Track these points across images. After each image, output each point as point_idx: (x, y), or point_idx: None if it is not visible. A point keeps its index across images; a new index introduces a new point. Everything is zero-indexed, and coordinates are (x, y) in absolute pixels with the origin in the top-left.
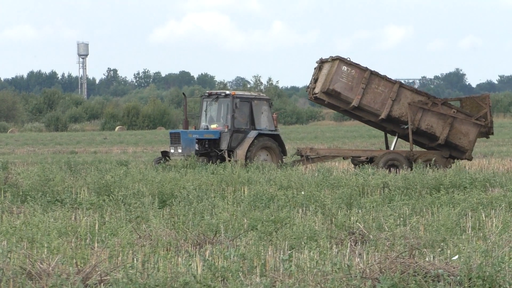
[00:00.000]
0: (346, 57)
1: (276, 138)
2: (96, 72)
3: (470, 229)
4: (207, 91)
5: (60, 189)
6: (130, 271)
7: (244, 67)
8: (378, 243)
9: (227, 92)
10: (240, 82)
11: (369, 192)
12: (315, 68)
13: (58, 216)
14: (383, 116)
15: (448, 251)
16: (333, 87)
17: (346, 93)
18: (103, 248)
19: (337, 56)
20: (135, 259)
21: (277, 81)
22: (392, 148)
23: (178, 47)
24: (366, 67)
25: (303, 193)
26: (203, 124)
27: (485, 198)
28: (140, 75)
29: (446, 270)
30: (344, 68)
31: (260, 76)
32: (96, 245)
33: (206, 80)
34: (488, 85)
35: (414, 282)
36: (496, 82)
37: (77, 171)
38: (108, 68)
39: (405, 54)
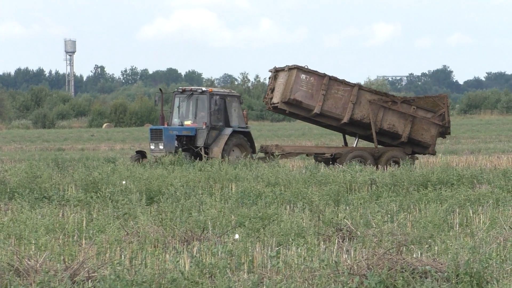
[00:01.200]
0: (303, 65)
1: (247, 135)
2: (84, 69)
3: (457, 226)
4: (181, 87)
5: (48, 186)
6: (117, 268)
7: (231, 64)
8: (366, 239)
9: (204, 88)
10: (228, 79)
11: (356, 189)
12: (270, 78)
13: (45, 213)
14: (345, 120)
15: (436, 248)
16: (294, 96)
17: (307, 101)
18: (91, 244)
19: (294, 64)
20: (122, 255)
21: (264, 78)
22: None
23: (166, 44)
24: (324, 73)
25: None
26: (175, 120)
27: (472, 195)
28: (128, 72)
29: (433, 267)
30: (303, 76)
31: (247, 73)
32: (83, 241)
33: (193, 77)
34: (476, 82)
35: (401, 278)
36: (483, 79)
37: (65, 168)
38: (96, 65)
39: (393, 51)
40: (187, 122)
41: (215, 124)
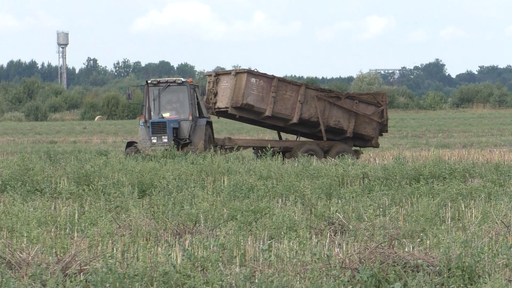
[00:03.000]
0: (253, 69)
1: (211, 126)
2: (76, 61)
3: (449, 220)
4: (154, 79)
5: (40, 178)
6: (109, 261)
7: (224, 57)
8: (358, 233)
9: (183, 79)
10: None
11: (348, 183)
12: (209, 82)
13: (37, 206)
14: (295, 120)
15: (428, 242)
16: (246, 101)
17: (259, 104)
18: (83, 237)
19: (243, 68)
20: (114, 248)
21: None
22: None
23: (159, 37)
24: (273, 75)
25: None
26: (152, 113)
27: (464, 189)
28: (120, 64)
29: (425, 261)
30: (253, 80)
31: (240, 66)
32: (75, 234)
33: (186, 70)
34: (468, 76)
35: (393, 272)
36: (476, 73)
37: (57, 161)
38: (88, 58)
39: (386, 45)
40: (166, 115)
41: (194, 115)
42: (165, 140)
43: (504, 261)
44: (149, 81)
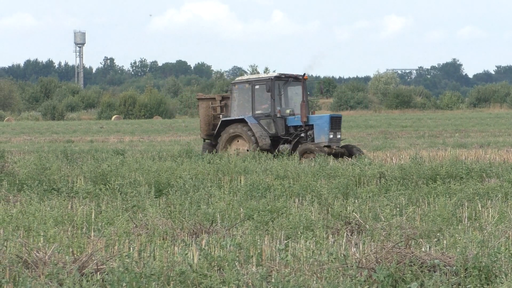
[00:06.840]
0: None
1: None
2: (93, 61)
3: (466, 220)
4: (282, 73)
5: (57, 178)
6: (126, 260)
7: (242, 56)
8: (375, 233)
9: (299, 75)
10: (237, 72)
11: (365, 182)
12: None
13: (54, 205)
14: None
15: (444, 242)
16: None
17: None
18: (100, 237)
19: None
20: (131, 248)
21: (273, 71)
22: None
23: (176, 36)
24: None
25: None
26: (278, 108)
27: (481, 189)
28: (137, 64)
29: (442, 260)
30: None
31: (257, 66)
32: (92, 234)
33: (203, 69)
34: (485, 76)
35: (410, 272)
36: (493, 73)
37: (74, 160)
38: (105, 57)
39: (403, 44)
40: (288, 111)
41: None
42: (339, 136)
43: None
44: (278, 75)
